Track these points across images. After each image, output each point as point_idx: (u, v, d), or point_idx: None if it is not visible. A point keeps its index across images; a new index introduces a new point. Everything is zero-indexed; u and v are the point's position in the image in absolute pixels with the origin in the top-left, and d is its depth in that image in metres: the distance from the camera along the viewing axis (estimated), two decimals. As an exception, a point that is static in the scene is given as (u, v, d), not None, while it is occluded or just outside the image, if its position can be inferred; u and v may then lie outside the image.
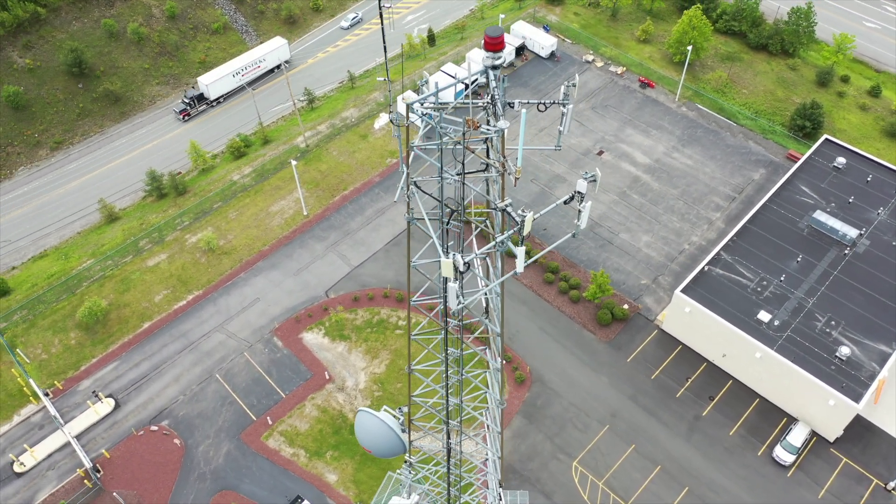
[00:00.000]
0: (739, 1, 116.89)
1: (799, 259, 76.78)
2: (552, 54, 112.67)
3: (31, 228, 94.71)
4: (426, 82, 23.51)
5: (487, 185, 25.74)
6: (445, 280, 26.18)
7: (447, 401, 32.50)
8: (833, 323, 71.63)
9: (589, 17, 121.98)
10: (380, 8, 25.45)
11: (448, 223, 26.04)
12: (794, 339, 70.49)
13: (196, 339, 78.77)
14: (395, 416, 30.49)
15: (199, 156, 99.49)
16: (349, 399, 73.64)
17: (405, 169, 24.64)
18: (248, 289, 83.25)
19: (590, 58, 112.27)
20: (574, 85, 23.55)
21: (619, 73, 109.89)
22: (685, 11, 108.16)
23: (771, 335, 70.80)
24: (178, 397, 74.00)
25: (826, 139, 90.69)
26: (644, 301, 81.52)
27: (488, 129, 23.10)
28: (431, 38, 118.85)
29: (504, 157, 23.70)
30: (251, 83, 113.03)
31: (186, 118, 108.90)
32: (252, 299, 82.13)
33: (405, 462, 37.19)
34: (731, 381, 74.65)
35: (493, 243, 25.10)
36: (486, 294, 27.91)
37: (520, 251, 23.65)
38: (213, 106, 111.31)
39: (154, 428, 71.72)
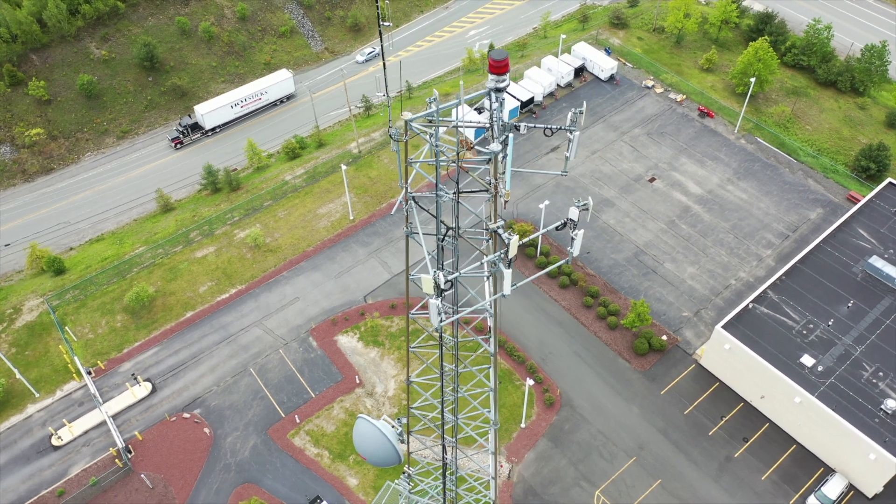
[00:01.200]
0: (810, 35, 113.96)
1: (850, 304, 74.03)
2: (612, 77, 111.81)
3: (92, 212, 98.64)
4: (435, 99, 23.79)
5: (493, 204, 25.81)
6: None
7: (443, 416, 32.48)
8: (881, 374, 68.72)
9: (652, 42, 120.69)
10: (379, 25, 25.82)
11: (443, 240, 26.19)
12: (837, 386, 67.89)
13: (235, 332, 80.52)
14: (393, 427, 30.57)
15: (256, 154, 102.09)
16: (377, 405, 74.09)
17: (404, 184, 24.91)
18: (289, 287, 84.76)
19: (650, 83, 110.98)
20: (581, 112, 23.55)
21: (678, 100, 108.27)
22: (752, 43, 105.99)
23: (813, 380, 68.35)
24: (212, 387, 75.71)
25: (890, 182, 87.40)
26: (684, 334, 79.76)
27: (483, 151, 23.16)
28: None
29: (496, 180, 23.71)
30: (252, 114, 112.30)
31: (178, 146, 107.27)
32: (292, 298, 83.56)
33: (404, 473, 37.26)
34: (767, 424, 72.28)
35: (477, 263, 25.35)
36: (471, 313, 28.06)
37: (507, 273, 23.72)
38: (207, 135, 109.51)
39: (186, 415, 73.51)
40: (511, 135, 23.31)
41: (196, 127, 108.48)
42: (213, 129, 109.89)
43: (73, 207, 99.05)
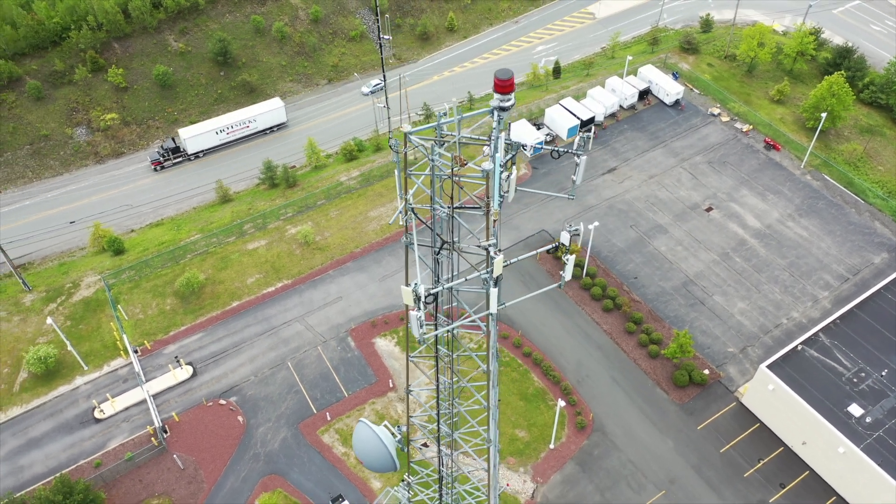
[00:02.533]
0: (891, 73, 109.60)
1: (907, 356, 70.63)
2: (677, 102, 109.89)
3: (155, 197, 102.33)
4: (445, 113, 23.91)
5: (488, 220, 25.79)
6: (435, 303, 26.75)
7: (439, 429, 32.36)
8: (934, 432, 65.24)
9: (723, 69, 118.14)
10: (379, 38, 26.04)
11: (438, 253, 26.27)
12: (885, 440, 64.73)
13: (277, 325, 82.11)
14: (392, 434, 30.69)
15: (315, 153, 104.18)
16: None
17: (403, 195, 25.09)
18: (333, 286, 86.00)
19: (716, 111, 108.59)
20: (589, 137, 23.36)
21: (744, 130, 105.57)
22: (827, 77, 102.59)
23: (860, 432, 65.36)
24: (249, 377, 77.35)
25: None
26: (727, 370, 77.44)
27: (476, 169, 23.08)
28: (557, 71, 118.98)
29: (488, 198, 23.59)
30: (240, 141, 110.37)
31: (158, 168, 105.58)
32: (335, 297, 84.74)
33: (403, 481, 37.26)
34: (807, 472, 69.41)
35: (462, 280, 25.43)
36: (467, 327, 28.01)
37: (493, 292, 23.67)
38: (190, 159, 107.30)
39: (223, 402, 75.27)
40: (499, 155, 23.03)
41: (176, 150, 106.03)
42: (197, 154, 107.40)
43: (138, 191, 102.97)
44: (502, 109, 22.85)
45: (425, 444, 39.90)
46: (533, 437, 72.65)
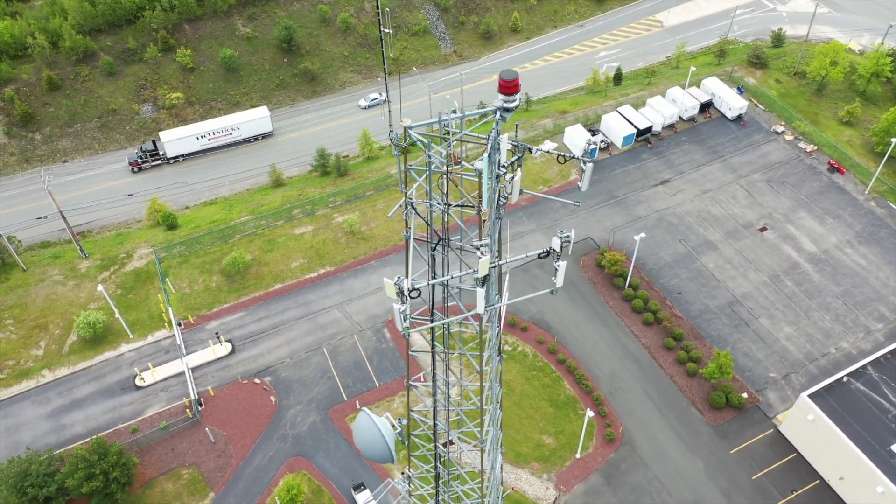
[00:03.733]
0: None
1: (961, 398, 67.26)
2: (739, 117, 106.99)
3: (210, 176, 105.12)
4: (454, 111, 23.84)
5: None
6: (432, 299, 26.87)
7: (435, 426, 32.28)
8: (983, 480, 61.99)
9: (791, 86, 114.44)
10: (380, 31, 25.93)
11: (434, 248, 26.20)
12: (928, 484, 61.84)
13: (316, 310, 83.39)
14: (393, 426, 30.84)
15: (368, 144, 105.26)
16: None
17: (404, 189, 25.12)
18: (374, 277, 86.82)
19: (780, 129, 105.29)
20: (595, 144, 22.94)
21: (808, 150, 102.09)
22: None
23: (902, 472, 62.62)
24: (285, 359, 78.80)
25: None
26: (766, 395, 75.17)
27: (471, 168, 22.90)
28: (618, 77, 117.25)
29: (479, 198, 23.39)
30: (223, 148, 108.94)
31: (136, 170, 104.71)
32: (375, 287, 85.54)
33: (402, 473, 37.38)
34: (842, 509, 66.94)
35: (445, 278, 25.31)
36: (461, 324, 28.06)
37: (479, 292, 23.51)
38: (169, 163, 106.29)
39: (257, 381, 76.91)
40: (486, 155, 22.84)
41: (155, 153, 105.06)
42: (176, 158, 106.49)
43: (195, 170, 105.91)
44: (506, 110, 22.72)
45: (450, 442, 39.85)
46: (559, 445, 71.98)
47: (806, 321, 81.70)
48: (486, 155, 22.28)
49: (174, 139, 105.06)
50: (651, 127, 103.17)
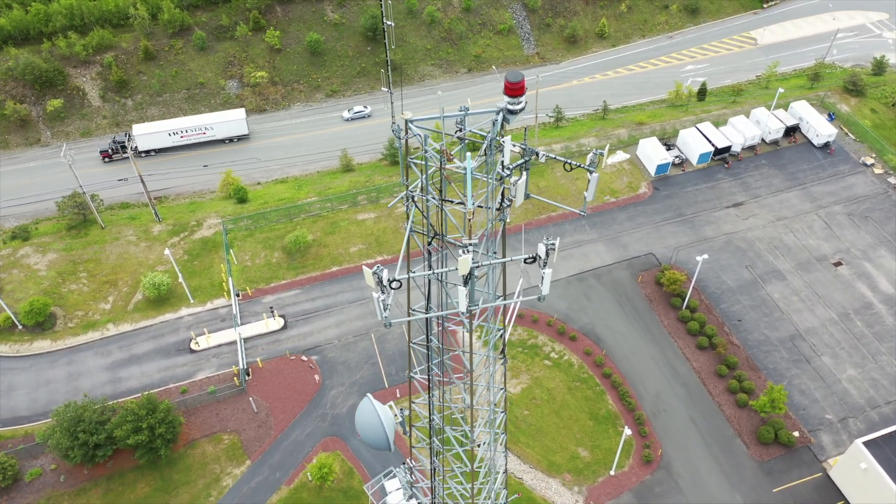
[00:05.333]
0: None
1: None
2: (826, 145, 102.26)
3: (284, 155, 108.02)
4: (465, 108, 23.74)
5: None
6: (428, 294, 26.95)
7: (431, 421, 32.27)
8: None
9: (887, 117, 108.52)
10: (384, 27, 25.72)
11: (430, 243, 26.13)
12: None
13: (368, 296, 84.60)
14: (395, 415, 31.01)
15: (438, 139, 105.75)
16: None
17: (405, 182, 25.20)
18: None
19: (869, 161, 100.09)
20: (602, 154, 22.48)
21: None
22: None
23: (957, 537, 58.78)
24: (333, 340, 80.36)
25: None
26: (819, 437, 71.81)
27: (457, 166, 22.72)
28: (702, 93, 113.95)
29: (466, 195, 23.20)
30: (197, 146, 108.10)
31: (107, 160, 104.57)
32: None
33: (403, 463, 37.57)
34: (887, 566, 63.32)
35: (430, 272, 25.24)
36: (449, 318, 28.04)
37: (461, 290, 23.40)
38: (140, 156, 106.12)
39: (304, 358, 78.73)
40: (470, 158, 22.59)
41: (125, 146, 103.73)
42: (148, 152, 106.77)
43: (270, 147, 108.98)
44: (511, 112, 22.57)
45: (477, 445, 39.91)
46: (595, 459, 70.83)
47: (872, 365, 77.55)
48: (468, 154, 22.28)
49: (146, 133, 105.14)
50: (730, 147, 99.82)
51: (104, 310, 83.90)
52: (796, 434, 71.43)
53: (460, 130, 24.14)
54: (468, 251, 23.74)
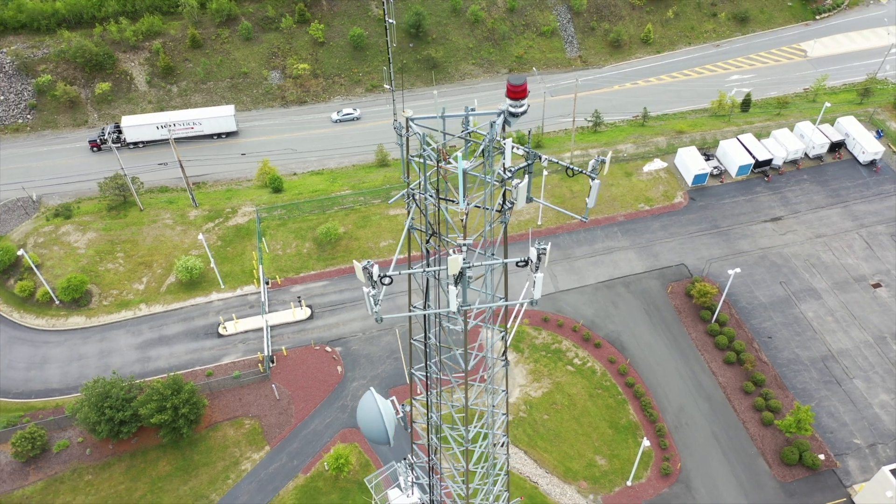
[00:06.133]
0: None
1: None
2: (872, 162, 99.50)
3: (321, 147, 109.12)
4: (473, 109, 23.68)
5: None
6: (427, 291, 26.99)
7: (429, 420, 32.22)
8: None
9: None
10: (385, 18, 25.60)
11: (428, 241, 26.09)
12: None
13: (395, 292, 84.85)
14: (396, 410, 31.12)
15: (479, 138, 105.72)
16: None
17: (406, 179, 25.20)
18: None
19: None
20: (604, 161, 22.22)
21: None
22: None
23: (985, 574, 56.78)
24: (357, 333, 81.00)
25: None
26: (846, 461, 70.00)
27: (452, 166, 22.59)
28: (746, 104, 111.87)
29: (463, 196, 23.08)
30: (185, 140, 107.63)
31: (96, 149, 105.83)
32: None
33: (405, 458, 37.68)
34: None
35: (422, 270, 25.23)
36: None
37: (451, 290, 23.27)
38: (129, 147, 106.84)
39: (328, 349, 79.52)
40: (463, 161, 22.51)
41: (115, 136, 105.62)
42: (137, 144, 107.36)
43: (307, 140, 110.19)
44: (512, 115, 22.50)
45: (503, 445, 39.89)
46: (612, 469, 70.16)
47: (907, 391, 75.38)
48: (459, 154, 22.27)
49: (134, 125, 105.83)
50: (771, 160, 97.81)
51: (138, 290, 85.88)
52: (822, 457, 69.74)
53: (464, 131, 24.16)
54: (461, 251, 23.81)
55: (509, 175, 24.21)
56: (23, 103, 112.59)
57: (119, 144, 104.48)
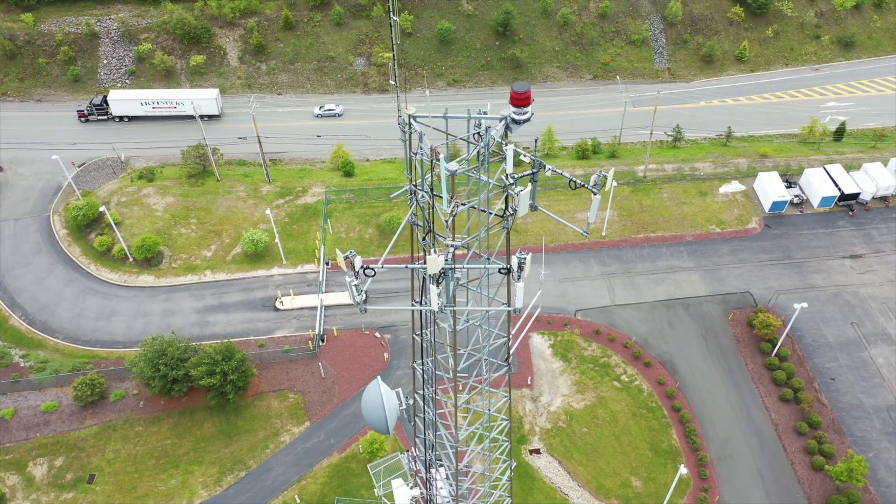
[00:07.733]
0: None
1: None
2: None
3: (394, 135, 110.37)
4: (485, 112, 23.36)
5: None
6: (424, 288, 26.93)
7: (425, 416, 32.09)
8: None
9: None
10: (391, 22, 25.12)
11: (424, 239, 25.87)
12: None
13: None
14: (400, 401, 31.26)
15: (551, 141, 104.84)
16: (534, 412, 73.93)
17: (409, 175, 25.09)
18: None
19: None
20: (606, 176, 21.60)
21: None
22: None
23: None
24: (408, 323, 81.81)
25: None
26: (899, 519, 66.16)
27: (447, 167, 22.23)
28: (839, 133, 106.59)
29: (451, 199, 22.72)
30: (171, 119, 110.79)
31: (83, 120, 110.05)
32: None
33: (407, 451, 37.70)
34: None
35: (406, 265, 24.99)
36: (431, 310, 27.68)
37: (432, 289, 22.92)
38: (115, 121, 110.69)
39: (377, 335, 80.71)
40: (450, 168, 22.15)
41: (101, 108, 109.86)
42: (122, 118, 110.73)
43: (383, 128, 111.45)
44: (515, 122, 22.20)
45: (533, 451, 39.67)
46: (647, 492, 68.55)
47: (978, 455, 70.43)
48: (442, 157, 22.12)
49: (120, 99, 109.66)
50: (858, 194, 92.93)
51: (205, 256, 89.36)
52: (873, 511, 66.18)
53: (477, 134, 24.06)
54: (443, 251, 23.94)
55: (511, 181, 24.01)
56: (123, 68, 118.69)
57: (105, 117, 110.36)
